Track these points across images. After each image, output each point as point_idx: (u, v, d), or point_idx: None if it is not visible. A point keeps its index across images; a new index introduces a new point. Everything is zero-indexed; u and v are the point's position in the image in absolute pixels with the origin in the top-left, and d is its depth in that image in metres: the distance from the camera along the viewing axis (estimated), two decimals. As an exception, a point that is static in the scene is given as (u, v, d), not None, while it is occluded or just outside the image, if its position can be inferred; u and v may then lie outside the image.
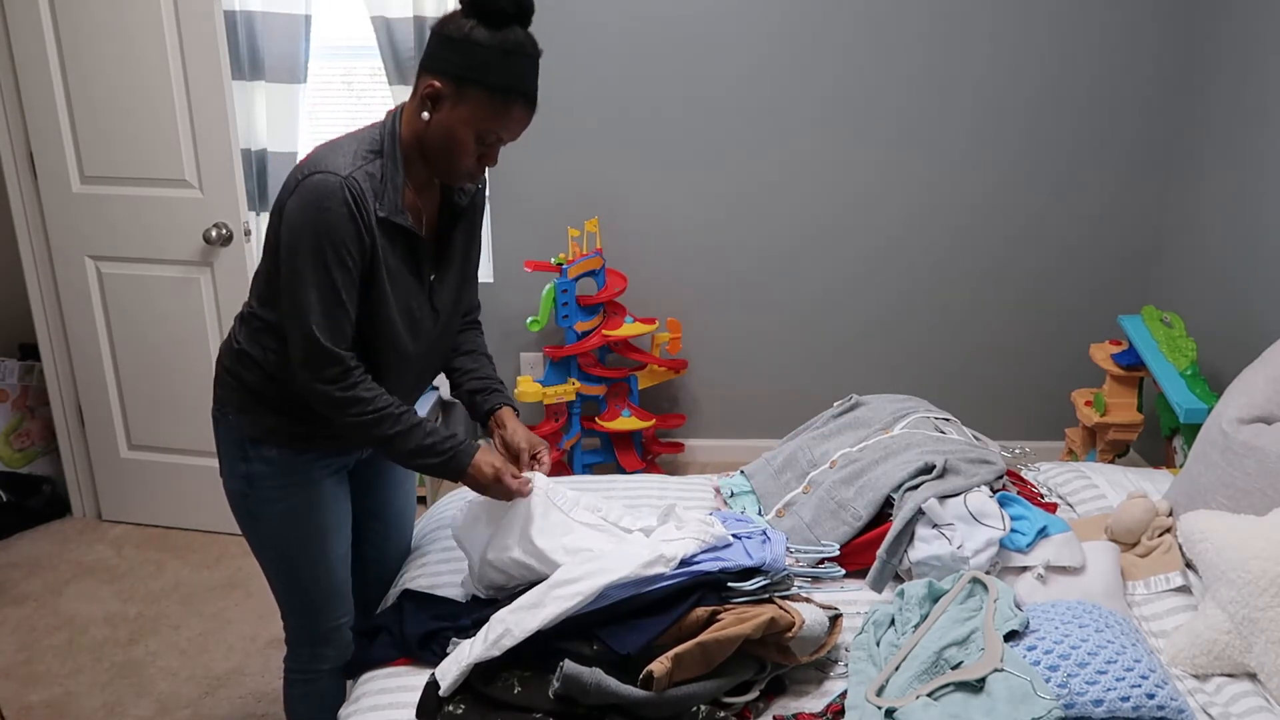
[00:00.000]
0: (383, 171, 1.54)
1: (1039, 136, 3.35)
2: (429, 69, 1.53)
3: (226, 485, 1.77)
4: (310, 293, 1.51)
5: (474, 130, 1.53)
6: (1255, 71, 2.91)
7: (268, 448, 1.69)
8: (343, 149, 1.53)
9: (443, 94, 1.52)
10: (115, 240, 2.94)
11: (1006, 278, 3.51)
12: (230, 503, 1.78)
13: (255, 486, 1.71)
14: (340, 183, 1.48)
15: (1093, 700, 1.44)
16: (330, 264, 1.50)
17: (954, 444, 2.08)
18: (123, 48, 2.74)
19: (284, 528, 1.74)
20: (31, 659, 2.59)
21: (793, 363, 3.62)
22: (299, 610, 1.82)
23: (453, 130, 1.53)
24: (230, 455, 1.73)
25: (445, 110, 1.52)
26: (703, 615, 1.56)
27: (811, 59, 3.28)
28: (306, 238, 1.49)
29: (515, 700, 1.48)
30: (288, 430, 1.68)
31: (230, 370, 1.70)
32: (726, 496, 2.24)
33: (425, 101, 1.54)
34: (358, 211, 1.49)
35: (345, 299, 1.53)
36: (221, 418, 1.72)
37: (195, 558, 3.06)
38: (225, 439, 1.73)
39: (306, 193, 1.49)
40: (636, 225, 3.44)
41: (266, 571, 1.81)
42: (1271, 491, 1.82)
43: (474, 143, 1.54)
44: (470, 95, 1.50)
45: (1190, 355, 2.80)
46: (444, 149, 1.56)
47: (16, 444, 3.30)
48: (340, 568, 1.81)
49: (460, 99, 1.51)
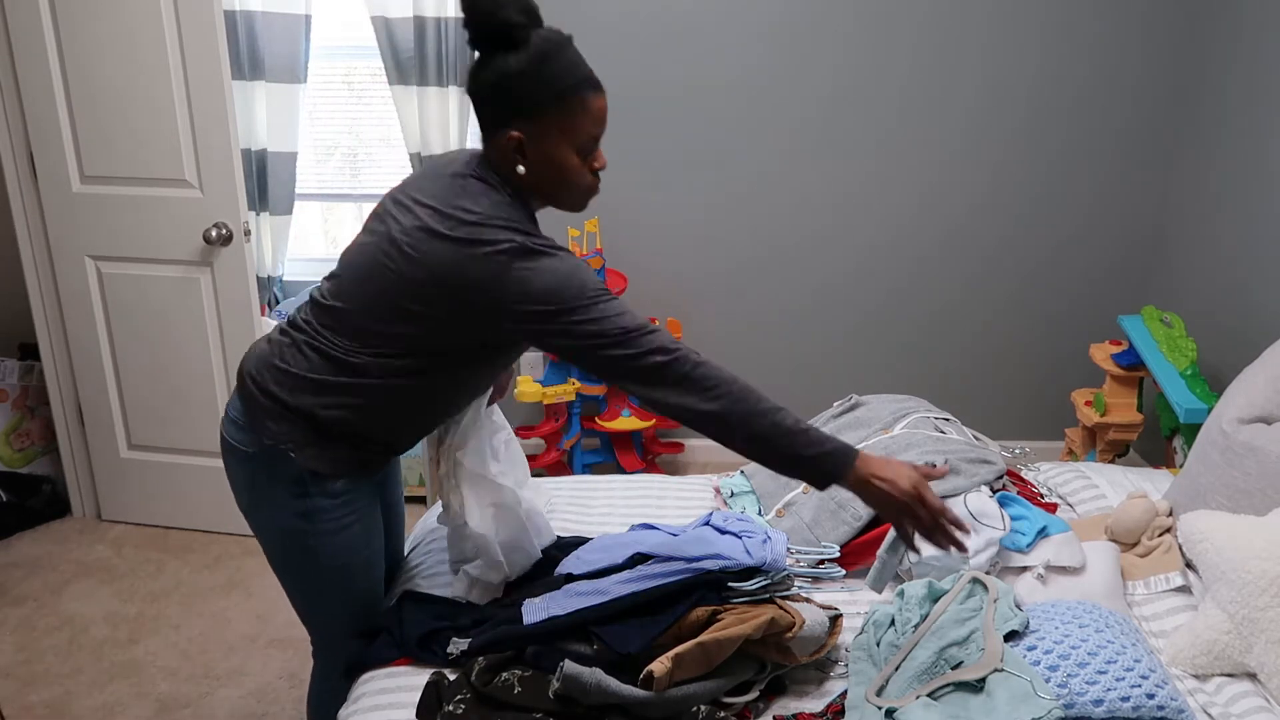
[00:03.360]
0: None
1: (1039, 135, 3.35)
2: (494, 126, 1.50)
3: (272, 523, 1.65)
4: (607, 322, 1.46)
5: (571, 148, 1.51)
6: (1256, 71, 2.91)
7: (334, 481, 1.61)
8: (504, 216, 1.48)
9: (523, 140, 1.49)
10: (115, 240, 2.95)
11: (1007, 277, 3.51)
12: (275, 540, 1.68)
13: (315, 521, 1.62)
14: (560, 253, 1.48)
15: (1092, 700, 1.44)
16: (595, 292, 1.47)
17: (954, 444, 2.08)
18: (123, 48, 2.74)
19: (344, 558, 1.68)
20: (31, 659, 2.59)
21: (792, 362, 3.62)
22: (346, 632, 1.75)
23: (552, 161, 1.51)
24: (282, 492, 1.61)
25: (534, 150, 1.50)
26: (703, 615, 1.56)
27: (809, 58, 3.28)
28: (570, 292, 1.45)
29: (515, 700, 1.48)
30: (361, 459, 1.63)
31: (295, 407, 1.57)
32: (726, 496, 2.24)
33: (515, 156, 1.51)
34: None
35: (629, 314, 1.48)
36: (276, 452, 1.58)
37: (195, 558, 3.06)
38: (276, 474, 1.60)
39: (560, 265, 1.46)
40: (636, 225, 3.44)
41: (317, 602, 1.74)
42: (1271, 491, 1.82)
43: (579, 158, 1.52)
44: (544, 122, 1.48)
45: (1190, 355, 2.80)
46: (558, 181, 1.53)
47: (16, 444, 3.30)
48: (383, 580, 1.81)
49: (540, 131, 1.49)
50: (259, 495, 1.65)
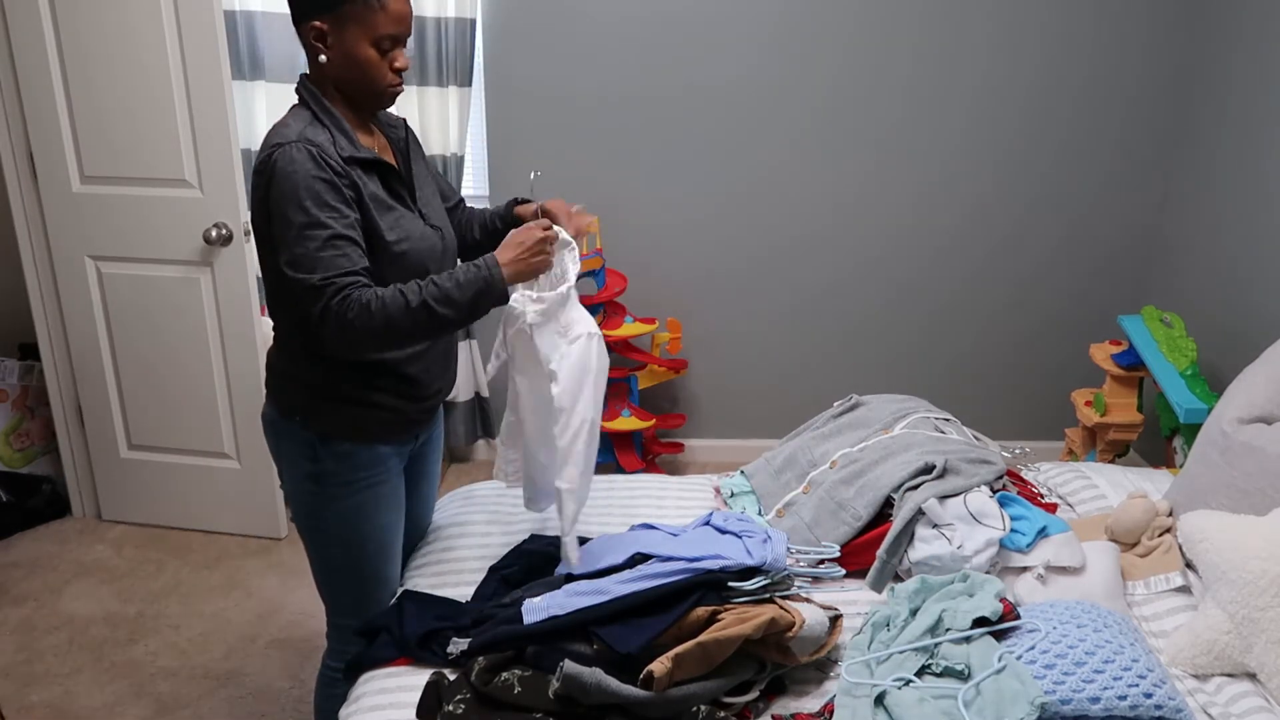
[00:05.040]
0: (327, 126, 1.61)
1: (1039, 135, 3.35)
2: (301, 18, 1.60)
3: (290, 488, 1.78)
4: (312, 243, 1.53)
5: (370, 42, 1.60)
6: (1256, 71, 2.91)
7: (339, 443, 1.71)
8: (284, 127, 1.60)
9: (325, 30, 1.59)
10: (115, 240, 2.94)
11: (1007, 277, 3.51)
12: (294, 507, 1.79)
13: (324, 484, 1.73)
14: (295, 144, 1.55)
15: (1089, 698, 1.44)
16: (316, 212, 1.54)
17: (954, 444, 2.08)
18: (123, 48, 2.74)
19: (351, 524, 1.76)
20: (31, 659, 2.59)
21: (793, 363, 3.62)
22: (354, 607, 1.83)
23: (352, 54, 1.60)
24: (297, 457, 1.74)
25: (335, 43, 1.60)
26: (703, 615, 1.56)
27: (809, 59, 3.28)
28: (291, 200, 1.53)
29: (515, 700, 1.48)
30: (357, 421, 1.71)
31: (290, 375, 1.72)
32: (726, 496, 2.24)
33: (316, 45, 1.60)
34: (323, 161, 1.55)
35: (344, 245, 1.55)
36: (287, 421, 1.73)
37: (195, 558, 3.06)
38: (291, 441, 1.74)
39: (272, 168, 1.55)
40: (636, 225, 3.44)
41: (325, 569, 1.82)
42: (1271, 491, 1.82)
43: (378, 54, 1.61)
44: (346, 15, 1.57)
45: (1190, 355, 2.80)
46: (357, 76, 1.62)
47: (16, 444, 3.30)
48: (398, 561, 1.87)
49: (341, 23, 1.58)
50: (281, 461, 1.78)
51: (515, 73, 3.28)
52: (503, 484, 2.01)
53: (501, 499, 2.18)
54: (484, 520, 2.09)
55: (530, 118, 3.33)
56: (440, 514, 2.14)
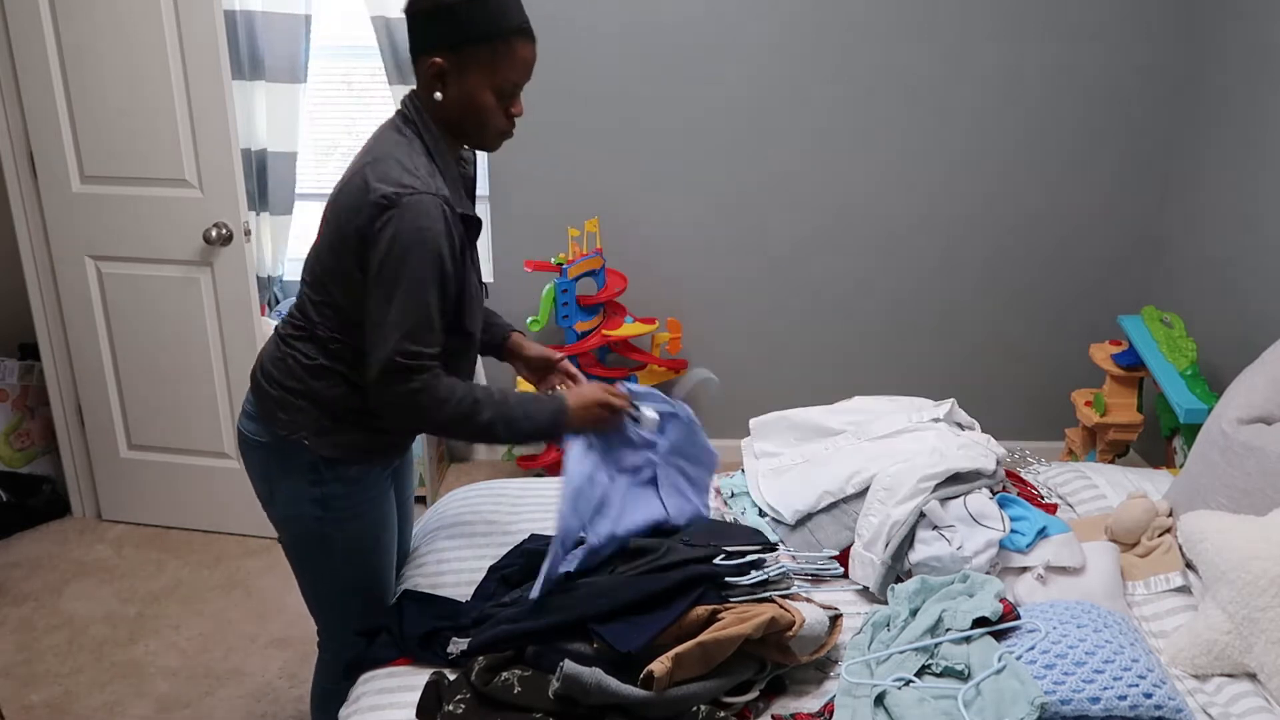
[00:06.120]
0: (439, 167, 1.55)
1: (1038, 136, 3.35)
2: (422, 50, 1.53)
3: (288, 511, 1.69)
4: (410, 311, 1.49)
5: (491, 87, 1.54)
6: (1256, 71, 2.91)
7: (346, 466, 1.65)
8: (408, 161, 1.51)
9: (446, 68, 1.52)
10: (115, 240, 2.94)
11: (1006, 277, 3.51)
12: (290, 529, 1.72)
13: (330, 508, 1.67)
14: (437, 201, 1.48)
15: (1089, 698, 1.44)
16: (431, 284, 1.49)
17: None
18: (123, 48, 2.74)
19: (357, 545, 1.72)
20: (31, 659, 2.59)
21: (793, 363, 3.62)
22: (350, 620, 1.78)
23: (471, 96, 1.54)
24: (298, 479, 1.65)
25: (455, 82, 1.53)
26: (703, 614, 1.56)
27: (811, 60, 3.27)
28: (413, 259, 1.47)
29: (515, 700, 1.48)
30: (370, 445, 1.66)
31: (301, 392, 1.63)
32: (727, 497, 2.24)
33: (434, 82, 1.54)
34: (453, 223, 1.50)
35: (437, 316, 1.52)
36: (289, 442, 1.63)
37: (195, 558, 3.06)
38: (290, 463, 1.65)
39: (402, 212, 1.46)
40: (636, 225, 3.44)
41: (329, 591, 1.77)
42: (1271, 491, 1.82)
43: (496, 100, 1.55)
44: (471, 56, 1.51)
45: (1190, 355, 2.80)
46: (472, 119, 1.56)
47: (16, 444, 3.30)
48: (392, 574, 1.84)
49: (464, 64, 1.52)
50: (275, 484, 1.69)
51: (515, 73, 3.27)
52: (502, 483, 1.99)
53: (501, 499, 2.18)
54: (484, 520, 2.09)
55: (530, 118, 3.33)
56: (440, 514, 2.14)
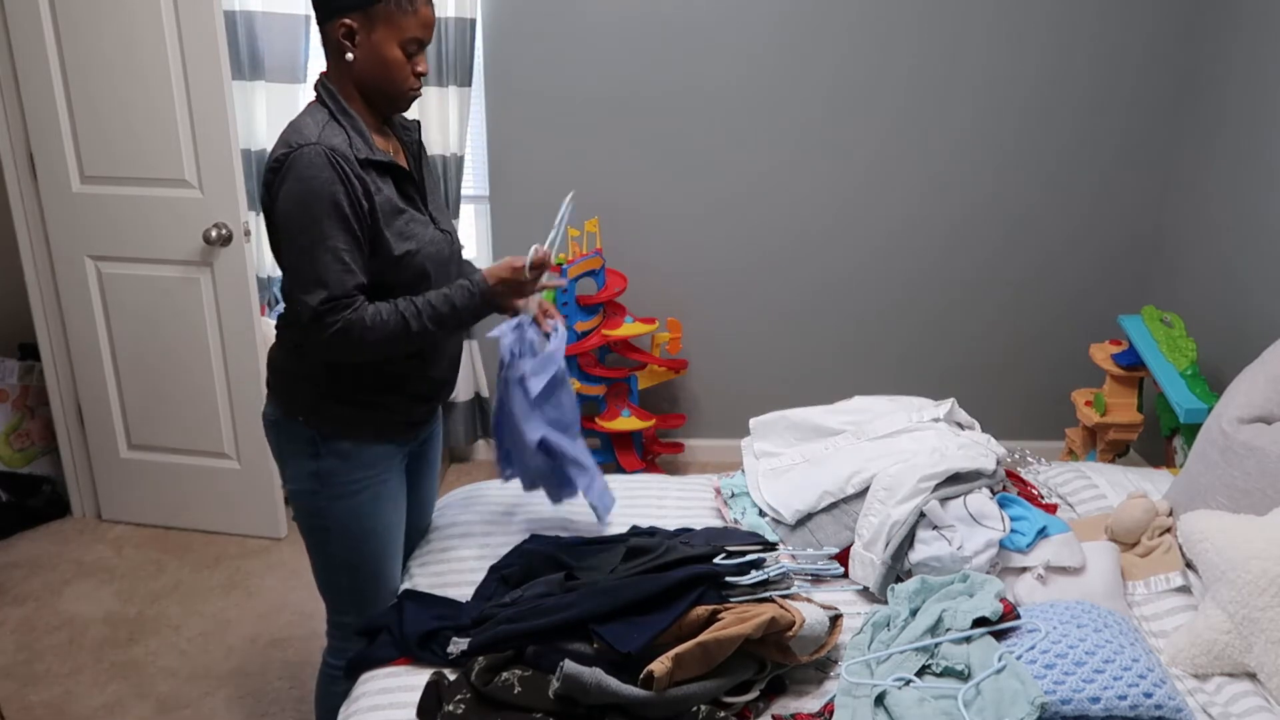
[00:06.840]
0: (344, 126, 1.62)
1: (1039, 135, 3.35)
2: (330, 15, 1.61)
3: (292, 487, 1.79)
4: (319, 256, 1.56)
5: (397, 44, 1.62)
6: (1256, 70, 2.91)
7: (340, 441, 1.72)
8: (302, 125, 1.61)
9: (355, 27, 1.61)
10: (115, 240, 2.94)
11: (1007, 277, 3.51)
12: (295, 505, 1.81)
13: (325, 483, 1.74)
14: (319, 150, 1.55)
15: (1089, 698, 1.44)
16: (333, 227, 1.56)
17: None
18: (123, 48, 2.74)
19: (352, 522, 1.77)
20: (31, 659, 2.59)
21: (793, 362, 3.62)
22: (354, 606, 1.84)
23: (379, 53, 1.62)
24: (298, 455, 1.75)
25: (364, 41, 1.61)
26: (703, 614, 1.56)
27: (809, 58, 3.28)
28: (302, 207, 1.55)
29: (515, 700, 1.48)
30: (360, 420, 1.73)
31: (291, 373, 1.74)
32: (727, 497, 2.24)
33: (343, 43, 1.62)
34: (343, 168, 1.56)
35: (349, 260, 1.59)
36: (288, 420, 1.74)
37: (195, 558, 3.06)
38: (293, 440, 1.75)
39: (289, 168, 1.56)
40: (636, 225, 3.44)
41: (326, 567, 1.83)
42: (1271, 491, 1.82)
43: (403, 57, 1.64)
44: (378, 14, 1.60)
45: (1190, 355, 2.80)
46: (381, 76, 1.64)
47: (16, 444, 3.30)
48: (399, 560, 1.88)
49: (372, 22, 1.60)
50: (283, 460, 1.79)
51: (515, 73, 3.28)
52: (502, 484, 2.02)
53: (502, 499, 2.18)
54: (484, 520, 2.09)
55: (530, 118, 3.33)
56: (440, 514, 2.14)
